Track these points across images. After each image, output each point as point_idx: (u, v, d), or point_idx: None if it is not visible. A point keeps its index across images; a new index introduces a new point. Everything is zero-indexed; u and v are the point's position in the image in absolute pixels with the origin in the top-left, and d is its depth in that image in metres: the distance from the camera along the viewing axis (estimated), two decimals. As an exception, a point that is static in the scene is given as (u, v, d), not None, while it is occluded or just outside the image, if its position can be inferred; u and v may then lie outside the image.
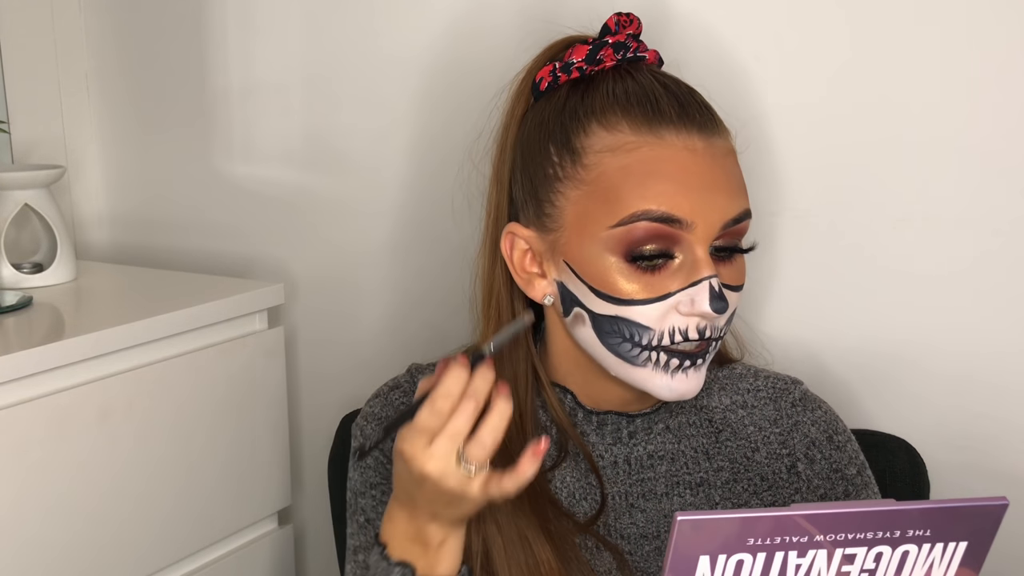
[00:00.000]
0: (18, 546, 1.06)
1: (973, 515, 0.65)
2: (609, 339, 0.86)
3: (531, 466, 0.76)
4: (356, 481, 0.95)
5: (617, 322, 0.84)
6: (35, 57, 1.49)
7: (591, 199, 0.84)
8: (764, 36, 1.10)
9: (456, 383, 0.76)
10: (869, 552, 0.65)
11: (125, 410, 1.15)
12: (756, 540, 0.63)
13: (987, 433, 1.07)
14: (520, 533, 0.87)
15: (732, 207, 0.84)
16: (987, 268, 1.04)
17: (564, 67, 0.89)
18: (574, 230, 0.85)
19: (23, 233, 1.42)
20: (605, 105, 0.85)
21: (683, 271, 0.83)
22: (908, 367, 1.09)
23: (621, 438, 0.93)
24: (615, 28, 0.91)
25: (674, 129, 0.83)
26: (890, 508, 0.64)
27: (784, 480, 0.93)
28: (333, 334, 1.43)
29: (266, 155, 1.44)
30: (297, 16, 1.36)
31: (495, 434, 0.76)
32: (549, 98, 0.90)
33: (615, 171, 0.83)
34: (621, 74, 0.88)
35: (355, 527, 0.95)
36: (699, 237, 0.83)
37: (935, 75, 1.03)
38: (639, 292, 0.83)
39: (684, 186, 0.82)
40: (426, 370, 0.98)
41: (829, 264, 1.11)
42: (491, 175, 0.94)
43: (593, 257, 0.84)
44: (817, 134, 1.09)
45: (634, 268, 0.83)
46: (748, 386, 0.96)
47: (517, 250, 0.90)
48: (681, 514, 0.62)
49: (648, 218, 0.82)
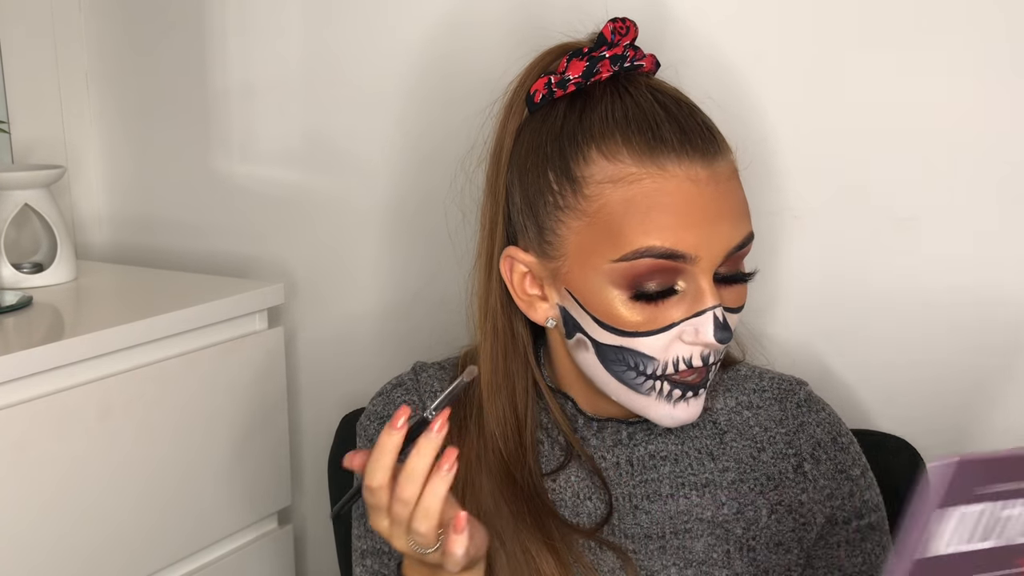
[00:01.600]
0: (18, 546, 1.06)
1: None
2: (613, 366, 0.85)
3: (458, 546, 0.76)
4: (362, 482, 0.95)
5: (622, 352, 0.84)
6: (35, 57, 1.49)
7: (593, 231, 0.83)
8: (764, 35, 1.09)
9: (384, 451, 0.75)
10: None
11: (125, 410, 1.15)
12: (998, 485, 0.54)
13: (987, 433, 1.07)
14: (523, 546, 0.87)
15: (735, 235, 0.84)
16: (987, 268, 1.04)
17: (560, 83, 0.87)
18: (576, 260, 0.84)
19: (23, 233, 1.42)
20: (604, 130, 0.84)
21: (686, 301, 0.83)
22: (908, 367, 1.09)
23: (621, 440, 0.93)
24: (611, 37, 0.88)
25: (676, 158, 0.82)
26: None
27: (790, 480, 0.93)
28: (333, 334, 1.43)
29: (266, 155, 1.44)
30: (296, 16, 1.36)
31: (429, 519, 0.75)
32: (545, 116, 0.88)
33: (617, 204, 0.82)
34: (619, 90, 0.86)
35: (362, 530, 0.95)
36: (703, 268, 0.82)
37: (936, 74, 1.03)
38: (643, 324, 0.83)
39: (687, 219, 0.81)
40: (430, 368, 0.98)
41: (829, 264, 1.11)
42: (484, 187, 0.93)
43: (596, 288, 0.83)
44: (817, 134, 1.09)
45: (638, 301, 0.83)
46: (754, 386, 0.96)
47: (516, 273, 0.89)
48: (940, 458, 0.52)
49: (651, 255, 0.81)
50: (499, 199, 0.90)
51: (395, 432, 0.76)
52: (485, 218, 0.92)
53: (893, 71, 1.04)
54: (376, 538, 0.93)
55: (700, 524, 0.92)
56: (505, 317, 0.91)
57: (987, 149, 1.02)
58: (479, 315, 0.92)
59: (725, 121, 0.88)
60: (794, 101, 1.09)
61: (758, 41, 1.10)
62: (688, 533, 0.91)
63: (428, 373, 0.97)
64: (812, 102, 1.08)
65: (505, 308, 0.91)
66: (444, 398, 0.77)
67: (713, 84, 1.10)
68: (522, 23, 1.20)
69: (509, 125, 0.90)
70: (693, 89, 0.91)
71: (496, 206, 0.90)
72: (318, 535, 1.50)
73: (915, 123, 1.04)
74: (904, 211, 1.07)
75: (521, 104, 0.90)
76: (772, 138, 1.10)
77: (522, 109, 0.90)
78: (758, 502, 0.93)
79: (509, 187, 0.89)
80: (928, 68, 1.03)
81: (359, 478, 0.79)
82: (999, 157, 1.02)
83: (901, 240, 1.07)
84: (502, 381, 0.91)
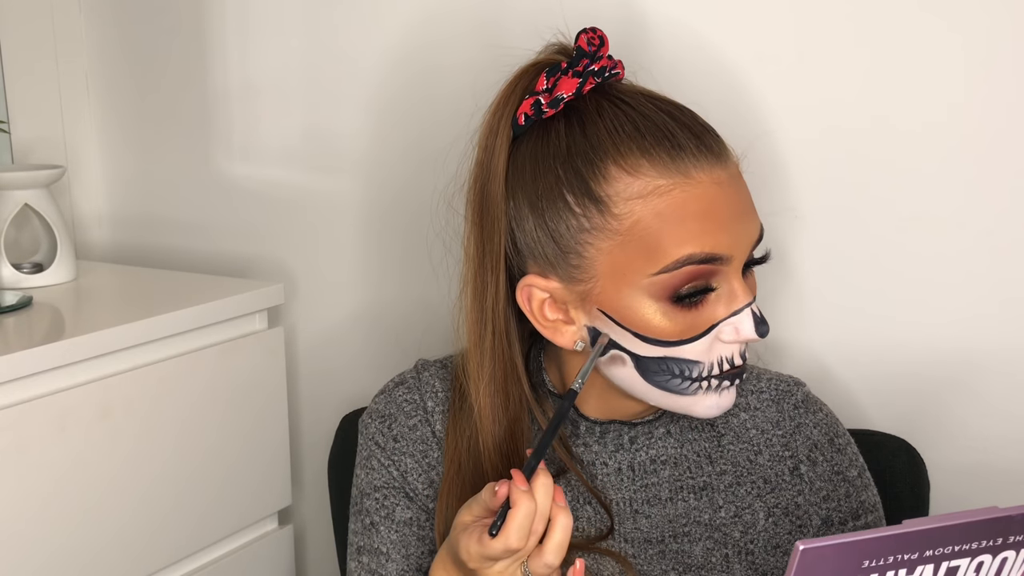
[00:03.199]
0: (18, 545, 1.06)
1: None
2: (655, 377, 0.85)
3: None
4: (362, 480, 0.95)
5: (665, 362, 0.84)
6: (35, 57, 1.49)
7: (627, 248, 0.82)
8: (764, 36, 1.09)
9: (528, 517, 0.76)
10: (971, 562, 0.65)
11: (125, 410, 1.15)
12: (871, 561, 0.62)
13: (987, 433, 1.07)
14: None
15: (756, 228, 0.85)
16: (988, 268, 1.04)
17: (552, 102, 0.85)
18: (609, 280, 0.83)
19: (23, 233, 1.42)
20: (619, 144, 0.82)
21: (722, 301, 0.83)
22: (908, 367, 1.09)
23: (623, 444, 0.93)
24: (589, 48, 0.87)
25: (697, 163, 0.82)
26: (995, 516, 0.63)
27: (787, 482, 0.93)
28: (333, 334, 1.43)
29: (266, 155, 1.44)
30: (296, 16, 1.36)
31: (560, 552, 0.78)
32: (542, 138, 0.85)
33: (650, 218, 0.81)
34: (613, 101, 0.85)
35: (359, 527, 0.95)
36: (735, 267, 0.83)
37: (937, 75, 1.03)
38: (685, 332, 0.83)
39: (718, 222, 0.81)
40: (432, 367, 0.98)
41: (829, 264, 1.11)
42: (470, 216, 0.88)
43: (633, 303, 0.83)
44: (817, 134, 1.09)
45: (677, 309, 0.82)
46: (751, 388, 0.96)
47: (535, 301, 0.87)
48: (803, 543, 0.61)
49: (692, 262, 0.81)
50: (495, 228, 0.87)
51: (529, 496, 0.76)
52: (472, 248, 0.89)
53: (895, 71, 1.04)
54: (373, 536, 0.93)
55: (699, 528, 0.92)
56: (506, 347, 0.89)
57: (991, 149, 1.02)
58: (472, 348, 0.90)
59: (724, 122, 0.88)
60: (795, 102, 1.09)
61: (760, 41, 1.10)
62: (687, 537, 0.91)
63: (430, 372, 0.97)
64: (813, 103, 1.08)
65: (507, 339, 0.89)
66: (587, 368, 0.83)
67: (713, 84, 1.10)
68: (531, 24, 1.19)
69: (498, 151, 0.87)
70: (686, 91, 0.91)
71: (489, 236, 0.87)
72: (318, 535, 1.50)
73: (917, 123, 1.04)
74: (904, 211, 1.07)
75: (507, 128, 0.87)
76: (772, 138, 1.10)
77: (508, 133, 0.87)
78: (755, 505, 0.93)
79: (513, 214, 0.87)
80: (929, 68, 1.03)
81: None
82: (1003, 157, 1.02)
83: (901, 240, 1.07)
84: (502, 412, 0.90)
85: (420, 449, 0.94)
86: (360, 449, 0.97)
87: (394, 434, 0.94)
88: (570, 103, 0.86)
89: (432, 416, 0.94)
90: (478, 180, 0.88)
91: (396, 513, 0.93)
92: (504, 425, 0.90)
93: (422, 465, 0.94)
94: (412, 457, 0.94)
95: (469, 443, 0.91)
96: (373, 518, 0.93)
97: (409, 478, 0.93)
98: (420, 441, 0.94)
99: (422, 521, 0.93)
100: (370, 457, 0.95)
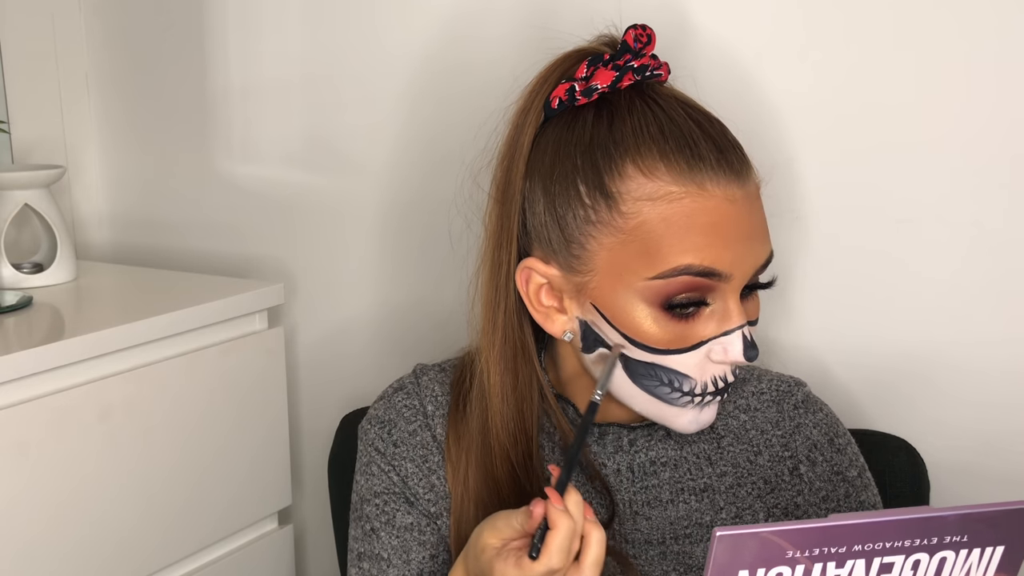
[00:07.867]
0: (18, 546, 1.06)
1: (1010, 519, 0.65)
2: (643, 381, 0.85)
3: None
4: (362, 486, 0.95)
5: (653, 368, 0.84)
6: (35, 57, 1.49)
7: (628, 248, 0.82)
8: (764, 37, 1.09)
9: (569, 537, 0.76)
10: (907, 560, 0.65)
11: (125, 410, 1.15)
12: (795, 552, 0.63)
13: (987, 433, 1.07)
14: None
15: (763, 252, 0.84)
16: (988, 268, 1.04)
17: (586, 90, 0.85)
18: (607, 276, 0.83)
19: (23, 233, 1.42)
20: (640, 144, 0.82)
21: (715, 319, 0.83)
22: (908, 367, 1.09)
23: (622, 446, 0.93)
24: (634, 45, 0.87)
25: (714, 177, 0.81)
26: (927, 515, 0.64)
27: (787, 483, 0.93)
28: (333, 334, 1.43)
29: (266, 155, 1.44)
30: (297, 16, 1.36)
31: (598, 567, 0.77)
32: (570, 124, 0.86)
33: (656, 222, 0.81)
34: (646, 101, 0.85)
35: (359, 532, 0.95)
36: (734, 287, 0.82)
37: (936, 75, 1.03)
38: (673, 342, 0.82)
39: (725, 239, 0.81)
40: (431, 371, 0.98)
41: (830, 265, 1.11)
42: (493, 193, 0.90)
43: (625, 305, 0.83)
44: (818, 136, 1.09)
45: (668, 317, 0.82)
46: (752, 389, 0.96)
47: (533, 284, 0.87)
48: (720, 529, 0.61)
49: (689, 272, 0.80)
50: (512, 206, 0.87)
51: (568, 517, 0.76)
52: (492, 224, 0.89)
53: (895, 73, 1.04)
54: (373, 542, 0.93)
55: (699, 529, 0.92)
56: (517, 326, 0.90)
57: (992, 150, 1.02)
58: (485, 323, 0.90)
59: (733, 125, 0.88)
60: (796, 104, 1.09)
61: (760, 41, 1.10)
62: (688, 538, 0.91)
63: (429, 376, 0.97)
64: (813, 104, 1.08)
65: (518, 317, 0.89)
66: (606, 377, 0.83)
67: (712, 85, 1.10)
68: (527, 23, 1.19)
69: (526, 131, 0.87)
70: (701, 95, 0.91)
71: (508, 213, 0.88)
72: (318, 535, 1.50)
73: (917, 124, 1.04)
74: (905, 211, 1.07)
75: (539, 109, 0.87)
76: (773, 139, 1.10)
77: (539, 114, 0.87)
78: (755, 506, 0.92)
79: (528, 195, 0.87)
80: (929, 68, 1.03)
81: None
82: (1003, 157, 1.02)
83: (902, 240, 1.07)
84: (510, 390, 0.90)
85: (420, 454, 0.94)
86: (360, 455, 0.97)
87: (394, 439, 0.94)
88: (604, 95, 0.85)
89: (432, 420, 0.94)
90: (505, 158, 0.89)
91: (397, 519, 0.93)
92: (512, 404, 0.89)
93: (422, 470, 0.93)
94: (413, 462, 0.94)
95: (479, 425, 0.91)
96: (373, 524, 0.93)
97: (410, 483, 0.93)
98: (420, 446, 0.94)
99: (423, 526, 0.93)
100: (370, 463, 0.95)
